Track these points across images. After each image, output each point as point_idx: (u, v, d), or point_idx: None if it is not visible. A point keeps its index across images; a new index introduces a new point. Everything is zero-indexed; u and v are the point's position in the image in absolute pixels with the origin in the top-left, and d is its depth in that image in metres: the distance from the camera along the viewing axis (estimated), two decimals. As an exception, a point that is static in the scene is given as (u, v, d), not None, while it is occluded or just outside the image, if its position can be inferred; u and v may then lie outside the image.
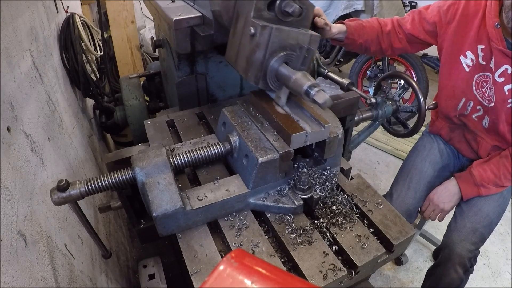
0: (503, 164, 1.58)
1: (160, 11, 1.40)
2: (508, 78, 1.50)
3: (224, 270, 0.61)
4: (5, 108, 1.04)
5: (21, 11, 1.38)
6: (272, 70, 1.03)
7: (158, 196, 1.02)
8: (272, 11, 0.98)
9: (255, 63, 1.01)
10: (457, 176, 1.69)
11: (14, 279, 0.84)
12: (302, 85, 0.94)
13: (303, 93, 0.94)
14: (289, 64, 1.03)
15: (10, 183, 0.95)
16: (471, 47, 1.57)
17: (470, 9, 1.56)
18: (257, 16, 0.97)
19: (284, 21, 1.00)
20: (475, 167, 1.64)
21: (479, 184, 1.61)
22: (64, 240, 1.24)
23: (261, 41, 0.97)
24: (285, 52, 1.01)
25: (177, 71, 1.49)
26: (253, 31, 0.97)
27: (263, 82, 1.06)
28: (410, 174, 1.85)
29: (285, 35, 0.99)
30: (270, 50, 0.99)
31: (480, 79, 1.59)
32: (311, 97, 0.92)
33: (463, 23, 1.58)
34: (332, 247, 1.07)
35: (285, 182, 1.17)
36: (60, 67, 1.98)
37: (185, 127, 1.43)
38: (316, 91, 0.92)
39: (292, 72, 0.98)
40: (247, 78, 1.06)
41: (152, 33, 3.83)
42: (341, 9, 3.50)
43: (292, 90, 1.01)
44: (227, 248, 1.07)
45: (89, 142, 2.17)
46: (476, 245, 1.61)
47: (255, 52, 1.00)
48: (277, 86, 1.09)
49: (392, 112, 1.75)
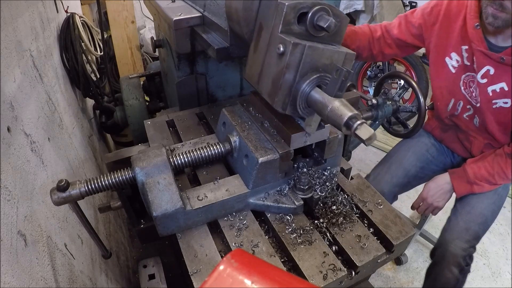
0: (497, 162, 1.58)
1: (160, 11, 1.40)
2: (491, 79, 1.49)
3: (224, 270, 0.61)
4: (5, 108, 1.04)
5: (21, 11, 1.38)
6: (303, 95, 0.89)
7: (158, 196, 1.02)
8: (303, 25, 0.85)
9: (283, 87, 0.88)
10: (451, 172, 1.68)
11: (14, 279, 0.84)
12: (342, 117, 0.80)
13: (343, 125, 0.80)
14: (322, 88, 0.88)
15: (10, 183, 0.95)
16: (455, 48, 1.58)
17: (452, 9, 1.56)
18: (285, 30, 0.84)
19: (315, 37, 0.87)
20: (469, 164, 1.64)
21: (472, 181, 1.61)
22: (64, 240, 1.24)
23: (292, 62, 0.84)
24: (318, 74, 0.88)
25: (177, 71, 1.49)
26: (282, 49, 0.84)
27: (292, 108, 0.92)
28: (391, 160, 1.89)
29: (319, 54, 0.86)
30: (302, 71, 0.86)
31: (467, 79, 1.59)
32: (353, 131, 0.79)
33: (446, 24, 1.58)
34: (332, 247, 1.07)
35: (285, 182, 1.17)
36: (60, 67, 1.97)
37: (185, 127, 1.43)
38: (359, 124, 0.78)
39: (328, 100, 0.83)
40: (274, 104, 0.92)
41: (152, 33, 3.83)
42: (341, 9, 3.50)
43: (327, 120, 0.85)
44: (227, 248, 1.07)
45: (89, 142, 2.17)
46: (470, 243, 1.60)
47: (284, 74, 0.86)
48: (307, 112, 0.95)
49: (392, 112, 1.76)
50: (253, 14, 0.93)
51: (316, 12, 0.84)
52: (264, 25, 0.90)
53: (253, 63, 0.99)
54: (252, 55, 0.98)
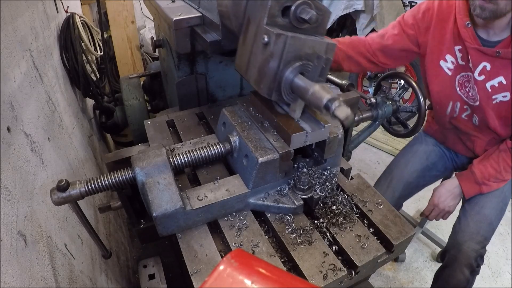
0: (502, 158, 1.59)
1: (160, 11, 1.40)
2: (488, 75, 1.50)
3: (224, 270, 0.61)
4: (5, 108, 1.04)
5: (21, 11, 1.38)
6: (287, 81, 0.96)
7: (158, 196, 1.02)
8: (287, 18, 0.93)
9: (268, 74, 0.95)
10: (459, 175, 1.69)
11: (14, 279, 0.84)
12: (321, 99, 0.86)
13: (322, 107, 0.86)
14: (305, 75, 0.96)
15: (10, 183, 0.95)
16: (450, 50, 1.58)
17: (443, 11, 1.57)
18: (270, 22, 0.92)
19: (299, 28, 0.94)
20: (476, 165, 1.64)
21: (481, 182, 1.62)
22: (64, 240, 1.24)
23: (275, 51, 0.91)
24: (301, 62, 0.95)
25: (177, 71, 1.49)
26: (267, 40, 0.91)
27: (277, 94, 0.99)
28: (391, 174, 1.90)
29: (301, 43, 0.93)
30: (285, 60, 0.93)
31: (462, 79, 1.60)
32: (331, 112, 0.85)
33: (439, 26, 1.59)
34: (332, 247, 1.07)
35: (285, 182, 1.17)
36: (60, 67, 1.98)
37: (185, 127, 1.43)
38: (337, 106, 0.84)
39: (309, 84, 0.91)
40: (260, 90, 0.99)
41: (152, 33, 3.83)
42: (341, 9, 3.49)
43: (309, 104, 0.93)
44: (227, 248, 1.07)
45: (89, 142, 2.17)
46: (481, 244, 1.61)
47: (268, 62, 0.94)
48: (291, 98, 1.02)
49: (392, 112, 1.75)
50: (242, 8, 1.00)
51: (299, 6, 0.91)
52: (252, 18, 0.97)
53: (241, 54, 1.06)
54: (241, 47, 1.05)
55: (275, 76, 0.95)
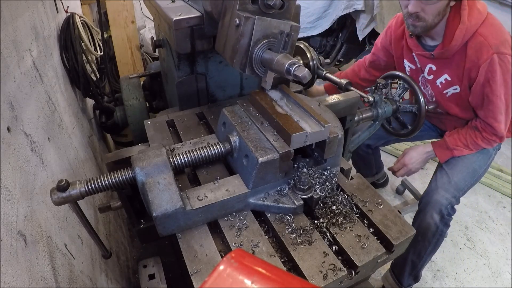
0: (469, 134, 1.83)
1: (160, 11, 1.40)
2: (435, 74, 1.81)
3: (224, 270, 0.61)
4: (5, 108, 1.04)
5: (21, 11, 1.38)
6: (257, 56, 1.11)
7: (158, 196, 1.02)
8: (256, 4, 1.07)
9: (240, 51, 1.10)
10: (433, 143, 1.95)
11: (14, 279, 0.84)
12: (283, 64, 1.00)
13: (285, 71, 1.00)
14: (272, 50, 1.10)
15: (10, 183, 0.95)
16: (407, 57, 1.92)
17: (398, 23, 1.92)
18: (242, 8, 1.07)
19: (267, 13, 1.09)
20: (448, 136, 1.90)
21: (452, 148, 1.87)
22: (64, 240, 1.23)
23: (245, 31, 1.07)
24: (268, 40, 1.10)
25: (177, 71, 1.49)
26: (238, 22, 1.06)
27: (250, 69, 1.13)
28: None
29: (267, 24, 1.08)
30: (254, 38, 1.08)
31: (423, 80, 1.92)
32: (292, 74, 0.98)
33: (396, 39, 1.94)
34: (332, 247, 1.07)
35: (285, 182, 1.17)
36: (60, 67, 1.97)
37: (185, 127, 1.43)
38: (296, 67, 0.98)
39: (274, 55, 1.05)
40: (234, 65, 1.13)
41: (152, 33, 3.83)
42: (341, 9, 3.49)
43: (276, 72, 1.08)
44: (227, 248, 1.07)
45: (89, 142, 2.17)
46: (451, 193, 1.80)
47: (239, 41, 1.08)
48: (262, 71, 1.16)
49: (392, 112, 1.76)
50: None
51: None
52: (228, 6, 1.13)
53: (220, 36, 1.22)
54: (220, 31, 1.22)
55: (246, 52, 1.10)
